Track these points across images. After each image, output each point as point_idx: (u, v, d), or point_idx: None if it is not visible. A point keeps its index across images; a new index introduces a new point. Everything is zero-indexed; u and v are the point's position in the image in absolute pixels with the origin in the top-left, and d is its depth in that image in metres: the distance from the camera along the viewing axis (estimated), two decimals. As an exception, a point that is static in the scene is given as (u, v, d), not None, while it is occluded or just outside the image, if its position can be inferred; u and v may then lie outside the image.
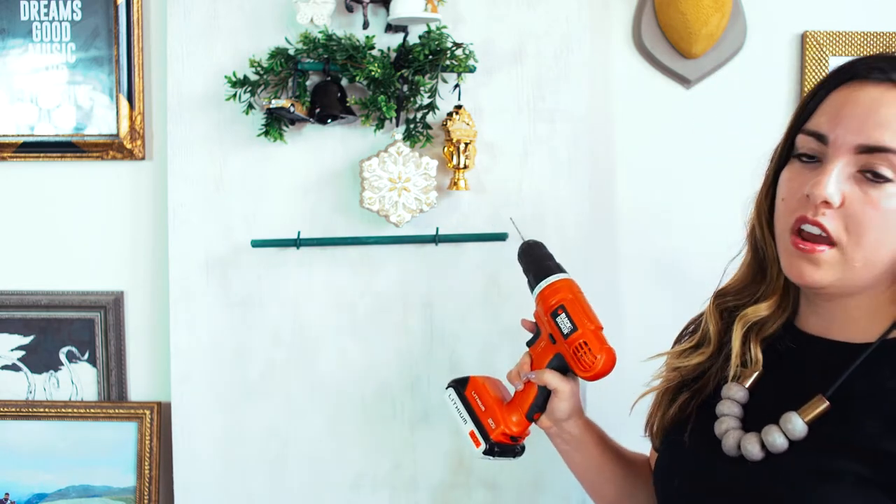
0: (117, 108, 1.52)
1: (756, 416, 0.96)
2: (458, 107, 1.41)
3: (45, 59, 1.53)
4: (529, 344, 1.14)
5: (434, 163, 1.41)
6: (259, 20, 1.45)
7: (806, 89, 1.46)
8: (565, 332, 1.07)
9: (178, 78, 1.46)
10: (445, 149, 1.41)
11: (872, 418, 0.86)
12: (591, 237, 1.47)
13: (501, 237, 1.42)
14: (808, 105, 0.94)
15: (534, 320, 1.14)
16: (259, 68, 1.41)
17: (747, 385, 0.98)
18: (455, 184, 1.41)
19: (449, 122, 1.40)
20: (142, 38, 1.52)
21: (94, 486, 1.53)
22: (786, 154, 0.96)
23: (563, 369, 1.09)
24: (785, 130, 0.98)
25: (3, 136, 1.54)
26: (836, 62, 1.46)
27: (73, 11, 1.52)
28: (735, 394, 0.98)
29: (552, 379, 1.09)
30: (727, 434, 0.95)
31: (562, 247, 1.44)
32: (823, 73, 1.46)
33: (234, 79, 1.41)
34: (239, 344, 1.48)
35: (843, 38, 1.47)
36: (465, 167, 1.40)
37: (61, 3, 1.52)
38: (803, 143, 0.92)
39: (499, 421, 1.10)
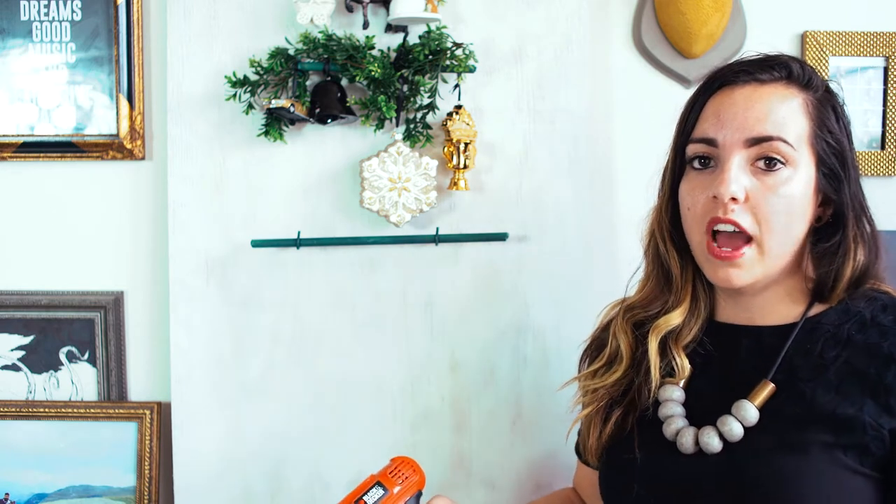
0: (117, 108, 1.52)
1: (700, 411, 0.99)
2: (458, 107, 1.41)
3: (45, 59, 1.53)
4: None
5: (434, 163, 1.41)
6: (259, 20, 1.45)
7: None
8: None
9: (178, 78, 1.46)
10: (445, 149, 1.41)
11: (821, 388, 0.92)
12: (592, 237, 1.47)
13: (501, 237, 1.42)
14: (689, 118, 1.01)
15: None
16: (259, 68, 1.41)
17: (681, 384, 1.02)
18: (455, 184, 1.41)
19: (449, 122, 1.40)
20: (142, 38, 1.52)
21: (94, 486, 1.53)
22: (678, 168, 1.02)
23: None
24: (671, 146, 1.04)
25: (3, 136, 1.54)
26: (836, 62, 1.47)
27: (73, 11, 1.52)
28: (672, 394, 1.01)
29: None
30: (680, 433, 0.97)
31: (562, 247, 1.45)
32: (824, 73, 1.46)
33: (234, 79, 1.41)
34: (239, 344, 1.48)
35: (843, 38, 1.47)
36: (465, 167, 1.40)
37: (61, 3, 1.52)
38: (694, 150, 0.99)
39: None
